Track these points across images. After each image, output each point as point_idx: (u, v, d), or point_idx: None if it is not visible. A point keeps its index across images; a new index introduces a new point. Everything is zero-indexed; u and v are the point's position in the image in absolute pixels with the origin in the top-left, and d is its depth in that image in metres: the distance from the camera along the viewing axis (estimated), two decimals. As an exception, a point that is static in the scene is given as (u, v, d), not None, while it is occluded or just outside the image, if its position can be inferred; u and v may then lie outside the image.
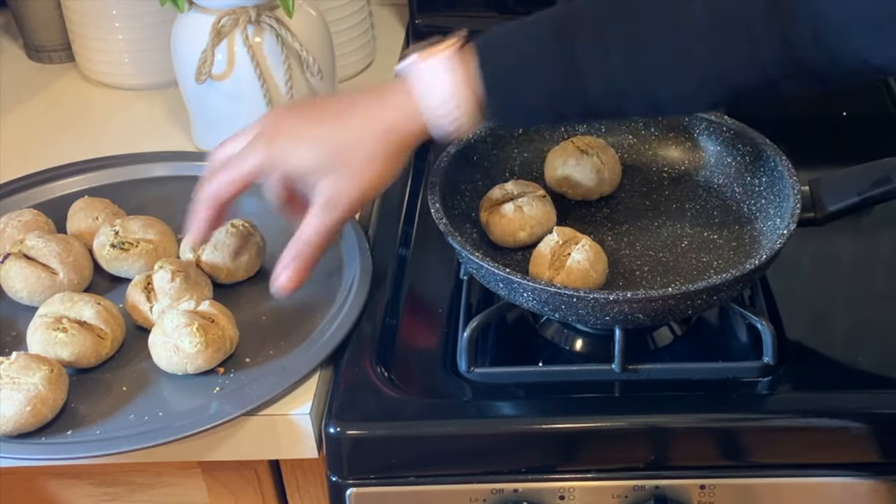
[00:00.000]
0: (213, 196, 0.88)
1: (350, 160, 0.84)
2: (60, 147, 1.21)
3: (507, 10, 1.40)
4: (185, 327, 0.87)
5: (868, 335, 0.96)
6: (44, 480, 0.97)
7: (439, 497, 0.87)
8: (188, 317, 0.88)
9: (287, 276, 0.87)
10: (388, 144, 0.84)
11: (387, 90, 0.85)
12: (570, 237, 0.92)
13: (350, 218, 0.87)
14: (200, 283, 0.96)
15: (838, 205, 0.95)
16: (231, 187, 0.87)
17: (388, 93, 0.85)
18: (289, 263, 0.87)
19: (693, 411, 0.86)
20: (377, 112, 0.84)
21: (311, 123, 0.86)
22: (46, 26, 1.39)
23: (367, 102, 0.86)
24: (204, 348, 0.87)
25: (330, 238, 0.87)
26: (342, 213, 0.86)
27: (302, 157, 0.85)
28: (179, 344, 0.87)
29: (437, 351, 0.93)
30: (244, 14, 1.10)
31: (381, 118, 0.84)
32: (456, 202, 1.00)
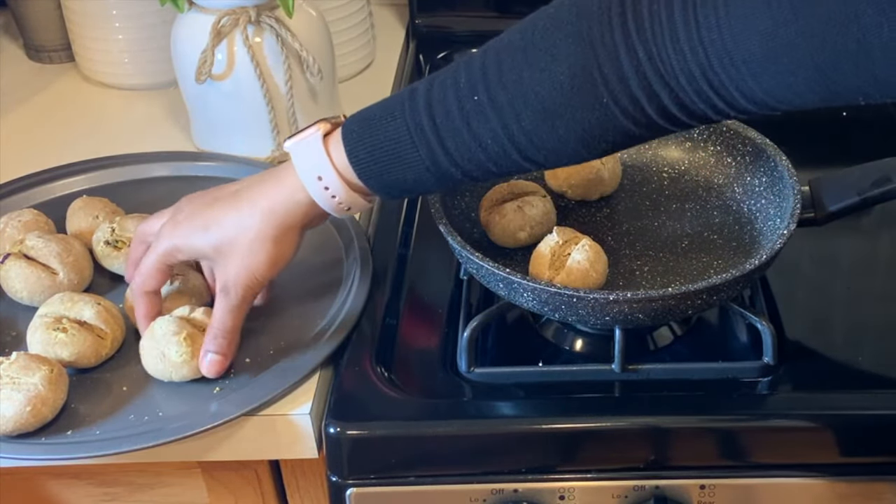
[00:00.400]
0: (142, 289, 0.90)
1: (237, 244, 0.85)
2: (60, 147, 1.21)
3: (507, 11, 1.40)
4: (173, 335, 0.87)
5: (868, 335, 0.96)
6: (44, 480, 0.97)
7: (439, 497, 0.87)
8: (178, 324, 0.88)
9: (210, 360, 0.88)
10: (274, 226, 0.85)
11: (277, 171, 0.86)
12: (570, 237, 0.92)
13: (254, 297, 0.88)
14: (199, 287, 0.96)
15: (838, 205, 0.94)
16: (152, 278, 0.89)
17: (276, 173, 0.86)
18: (209, 349, 0.88)
19: (693, 411, 0.86)
20: (265, 191, 0.85)
21: (206, 207, 0.87)
22: (46, 26, 1.39)
23: (261, 182, 0.86)
24: (189, 358, 0.87)
25: (239, 318, 0.88)
26: (239, 297, 0.87)
27: (195, 243, 0.87)
28: (166, 351, 0.87)
29: (437, 351, 0.93)
30: (244, 14, 1.10)
31: (267, 198, 0.85)
32: (456, 202, 1.00)
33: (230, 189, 0.88)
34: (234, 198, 0.86)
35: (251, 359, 0.91)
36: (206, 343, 0.88)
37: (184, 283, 0.94)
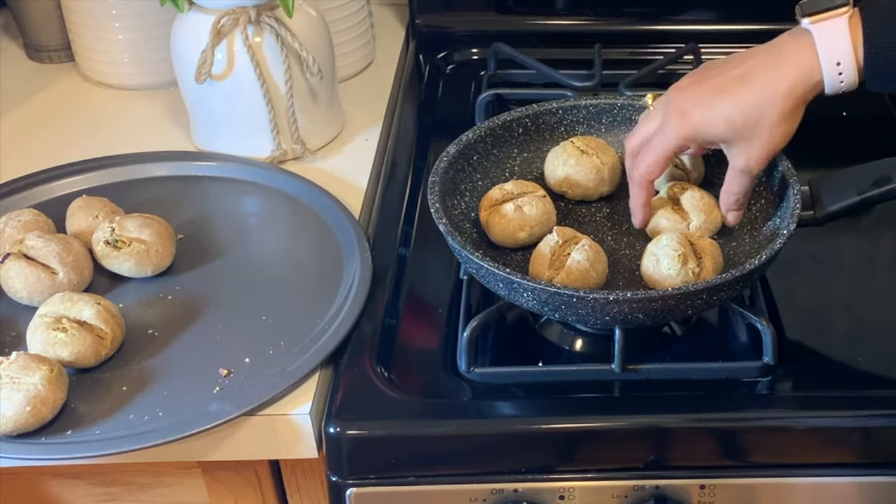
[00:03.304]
0: (645, 177, 0.94)
1: (759, 125, 0.88)
2: (60, 147, 1.21)
3: (507, 11, 1.40)
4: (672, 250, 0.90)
5: (868, 335, 0.96)
6: (44, 480, 0.97)
7: (439, 497, 0.87)
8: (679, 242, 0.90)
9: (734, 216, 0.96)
10: (791, 104, 0.87)
11: (784, 48, 0.88)
12: (570, 237, 0.92)
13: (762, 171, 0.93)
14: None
15: (838, 205, 0.95)
16: (657, 166, 0.93)
17: (784, 50, 0.88)
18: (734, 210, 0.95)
19: (693, 411, 0.86)
20: (776, 74, 0.87)
21: (718, 93, 0.89)
22: (46, 26, 1.39)
23: (765, 63, 0.88)
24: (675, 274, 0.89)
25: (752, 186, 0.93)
26: (757, 174, 0.92)
27: (716, 128, 0.89)
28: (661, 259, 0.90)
29: (437, 351, 0.93)
30: (244, 14, 1.10)
31: (782, 79, 0.87)
32: (456, 202, 1.00)
33: (733, 73, 0.89)
34: (747, 82, 0.88)
35: (251, 359, 0.91)
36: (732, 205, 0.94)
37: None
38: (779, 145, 0.89)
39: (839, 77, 0.86)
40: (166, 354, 0.93)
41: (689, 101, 0.90)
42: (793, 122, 0.88)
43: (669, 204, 0.97)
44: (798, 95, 0.87)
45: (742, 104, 0.87)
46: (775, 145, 0.89)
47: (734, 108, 0.88)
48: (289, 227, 1.09)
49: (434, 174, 0.97)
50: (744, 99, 0.88)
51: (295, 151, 1.17)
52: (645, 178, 0.94)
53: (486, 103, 1.23)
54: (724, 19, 1.36)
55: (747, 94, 0.87)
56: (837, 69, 0.85)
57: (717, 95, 0.89)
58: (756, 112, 0.87)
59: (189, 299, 0.99)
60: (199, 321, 0.96)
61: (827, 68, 0.85)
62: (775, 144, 0.89)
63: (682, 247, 0.90)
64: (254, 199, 1.13)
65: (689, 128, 0.90)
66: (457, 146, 1.01)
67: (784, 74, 0.87)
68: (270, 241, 1.09)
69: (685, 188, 0.98)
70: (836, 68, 0.85)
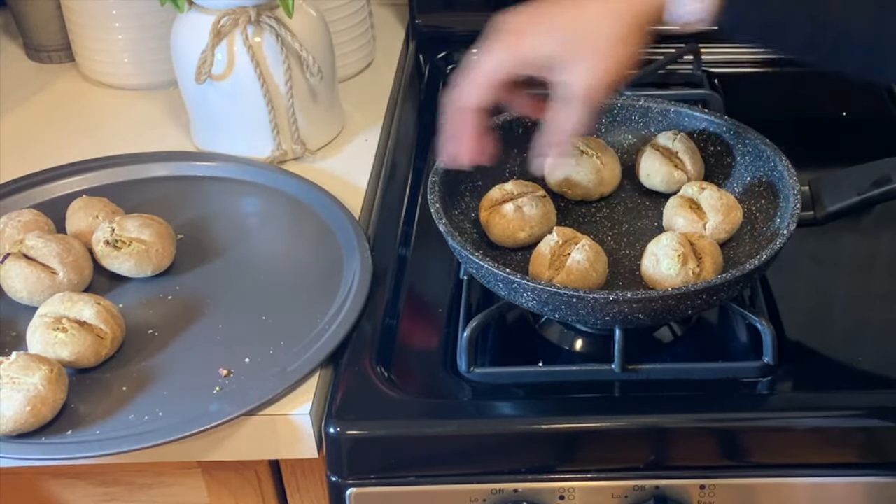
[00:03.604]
0: (459, 100, 0.86)
1: (592, 45, 0.82)
2: (60, 147, 1.21)
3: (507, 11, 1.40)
4: (672, 249, 0.89)
5: (868, 335, 0.96)
6: (44, 480, 0.97)
7: (439, 497, 0.87)
8: (680, 242, 0.89)
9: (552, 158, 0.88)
10: (628, 25, 0.81)
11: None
12: (570, 237, 0.92)
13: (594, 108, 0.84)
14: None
15: (838, 205, 0.95)
16: (476, 88, 0.85)
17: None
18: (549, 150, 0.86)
19: (693, 411, 0.86)
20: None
21: (549, 14, 0.84)
22: (46, 26, 1.39)
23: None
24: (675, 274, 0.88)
25: (588, 124, 0.85)
26: (588, 103, 0.83)
27: (544, 47, 0.83)
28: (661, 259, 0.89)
29: (437, 351, 0.93)
30: (244, 14, 1.10)
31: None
32: (456, 202, 1.00)
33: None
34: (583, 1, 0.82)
35: (251, 359, 0.91)
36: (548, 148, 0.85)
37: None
38: (615, 71, 0.82)
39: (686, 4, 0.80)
40: (166, 354, 0.93)
41: (520, 19, 0.84)
42: (629, 48, 0.81)
43: (687, 203, 0.97)
44: (633, 17, 0.81)
45: (574, 19, 0.82)
46: (611, 69, 0.81)
47: (565, 23, 0.82)
48: (289, 227, 1.09)
49: (434, 174, 0.97)
50: (574, 20, 0.82)
51: (295, 151, 1.17)
52: (458, 101, 0.85)
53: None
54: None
55: (578, 15, 0.82)
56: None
57: (546, 17, 0.83)
58: (589, 27, 0.81)
59: (189, 299, 0.99)
60: (199, 321, 0.96)
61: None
62: (611, 68, 0.81)
63: (682, 247, 0.90)
64: (254, 199, 1.13)
65: (512, 50, 0.84)
66: (457, 146, 1.00)
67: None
68: (270, 241, 1.09)
69: (704, 187, 0.97)
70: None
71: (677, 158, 1.02)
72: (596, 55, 0.82)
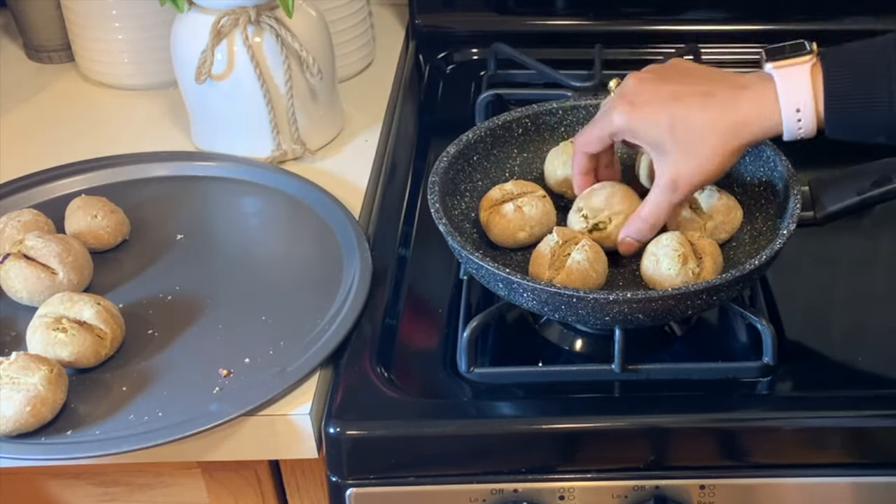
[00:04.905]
0: (580, 147, 0.96)
1: (700, 145, 0.87)
2: (60, 147, 1.21)
3: (507, 11, 1.40)
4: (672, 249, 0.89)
5: (868, 335, 0.96)
6: (44, 480, 0.97)
7: (439, 497, 0.87)
8: (680, 242, 0.90)
9: (628, 243, 0.94)
10: (736, 137, 0.87)
11: (749, 84, 0.87)
12: (569, 237, 0.92)
13: (683, 203, 0.93)
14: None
15: (838, 205, 0.95)
16: (591, 142, 0.94)
17: (748, 87, 0.87)
18: (629, 234, 0.93)
19: (693, 411, 0.86)
20: (734, 105, 0.87)
21: (672, 99, 0.88)
22: (46, 26, 1.39)
23: (728, 93, 0.87)
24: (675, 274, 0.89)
25: (669, 214, 0.92)
26: (683, 195, 0.90)
27: (657, 130, 0.88)
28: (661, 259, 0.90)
29: (437, 351, 0.93)
30: (244, 14, 1.10)
31: (738, 113, 0.86)
32: (456, 202, 1.00)
33: (695, 87, 0.88)
34: (705, 99, 0.87)
35: (251, 359, 0.91)
36: (633, 225, 0.92)
37: None
38: (709, 175, 0.88)
39: (798, 124, 0.85)
40: (166, 354, 0.93)
41: (642, 94, 0.89)
42: (728, 158, 0.88)
43: (687, 203, 0.97)
44: (748, 133, 0.87)
45: (691, 118, 0.87)
46: (707, 173, 0.88)
47: (682, 118, 0.87)
48: (289, 227, 1.09)
49: (434, 174, 0.97)
50: (695, 114, 0.87)
51: (295, 151, 1.17)
52: (579, 148, 0.95)
53: (486, 103, 1.23)
54: (724, 19, 1.36)
55: (700, 112, 0.87)
56: (797, 115, 0.85)
57: (670, 100, 0.88)
58: (702, 131, 0.87)
59: (189, 299, 0.99)
60: (199, 321, 0.96)
61: (786, 114, 0.85)
62: (707, 172, 0.88)
63: (682, 247, 0.90)
64: (254, 199, 1.13)
65: (632, 119, 0.89)
66: (457, 146, 1.01)
67: (742, 108, 0.86)
68: (270, 241, 1.09)
69: (704, 188, 0.97)
70: (795, 115, 0.85)
71: None
72: (701, 157, 0.87)
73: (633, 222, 0.93)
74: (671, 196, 0.90)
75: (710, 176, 0.88)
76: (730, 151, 0.87)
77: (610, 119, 0.91)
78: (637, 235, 0.93)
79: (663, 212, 0.91)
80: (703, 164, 0.87)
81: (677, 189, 0.89)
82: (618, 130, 0.91)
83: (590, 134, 0.94)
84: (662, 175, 0.89)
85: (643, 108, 0.89)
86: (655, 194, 0.90)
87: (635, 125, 0.89)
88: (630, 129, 0.90)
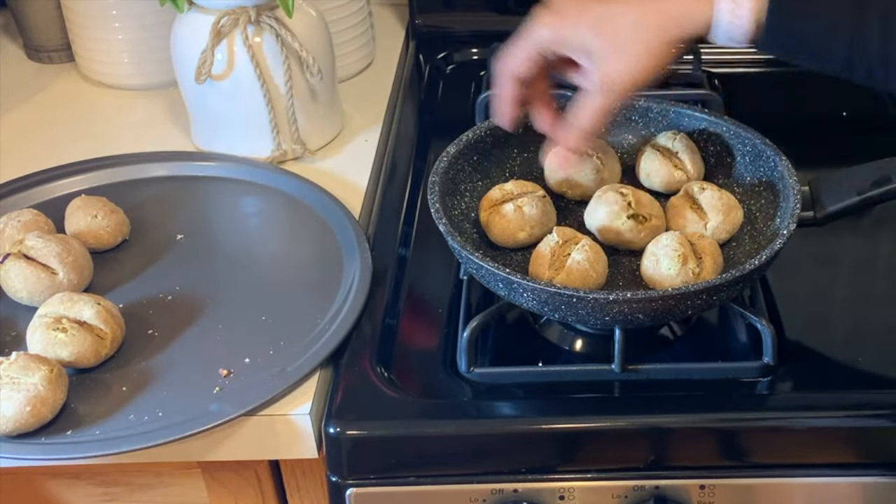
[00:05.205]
0: (503, 67, 0.90)
1: (629, 46, 0.84)
2: (60, 147, 1.21)
3: (506, 11, 1.40)
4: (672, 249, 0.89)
5: (868, 335, 0.96)
6: (44, 480, 0.97)
7: (439, 497, 0.87)
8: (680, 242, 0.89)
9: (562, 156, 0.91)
10: (668, 33, 0.84)
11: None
12: (569, 237, 0.92)
13: (622, 103, 0.89)
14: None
15: (838, 205, 0.95)
16: (521, 63, 0.89)
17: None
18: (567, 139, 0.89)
19: (693, 411, 0.86)
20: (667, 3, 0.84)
21: (596, 4, 0.86)
22: (46, 26, 1.39)
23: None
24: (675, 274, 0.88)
25: (604, 121, 0.88)
26: (614, 99, 0.86)
27: (585, 37, 0.86)
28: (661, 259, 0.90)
29: (437, 351, 0.93)
30: (244, 14, 1.10)
31: (666, 4, 0.84)
32: (456, 202, 1.00)
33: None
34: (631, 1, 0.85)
35: (251, 359, 0.91)
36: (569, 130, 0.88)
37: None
38: (643, 73, 0.84)
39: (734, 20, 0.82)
40: (166, 354, 0.93)
41: (568, 5, 0.87)
42: (664, 56, 0.84)
43: (688, 203, 0.97)
44: (677, 28, 0.83)
45: (618, 16, 0.84)
46: (640, 72, 0.84)
47: (609, 17, 0.85)
48: (289, 227, 1.09)
49: (434, 174, 0.97)
50: (622, 12, 0.84)
51: (295, 151, 1.17)
52: (504, 69, 0.90)
53: (486, 103, 1.22)
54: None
55: (627, 9, 0.84)
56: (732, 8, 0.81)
57: (597, 5, 0.86)
58: (631, 27, 0.84)
59: (189, 299, 0.99)
60: (199, 321, 0.96)
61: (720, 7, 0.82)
62: (640, 71, 0.84)
63: (682, 247, 0.90)
64: (254, 199, 1.13)
65: (557, 26, 0.86)
66: (457, 146, 1.01)
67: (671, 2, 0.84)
68: (270, 241, 1.09)
69: (705, 187, 0.97)
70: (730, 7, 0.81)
71: (677, 159, 1.02)
72: (630, 55, 0.84)
73: (565, 131, 0.89)
74: (605, 99, 0.86)
75: (643, 75, 0.85)
76: (662, 48, 0.84)
77: (536, 30, 0.87)
78: (571, 143, 0.89)
79: (597, 116, 0.87)
80: (634, 62, 0.84)
81: (611, 90, 0.86)
82: (545, 41, 0.87)
83: (515, 52, 0.88)
84: (594, 78, 0.86)
85: (568, 14, 0.86)
86: (588, 98, 0.87)
87: (561, 32, 0.86)
88: (556, 37, 0.86)
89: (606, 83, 0.85)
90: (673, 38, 0.84)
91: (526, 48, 0.88)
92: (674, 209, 0.97)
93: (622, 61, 0.85)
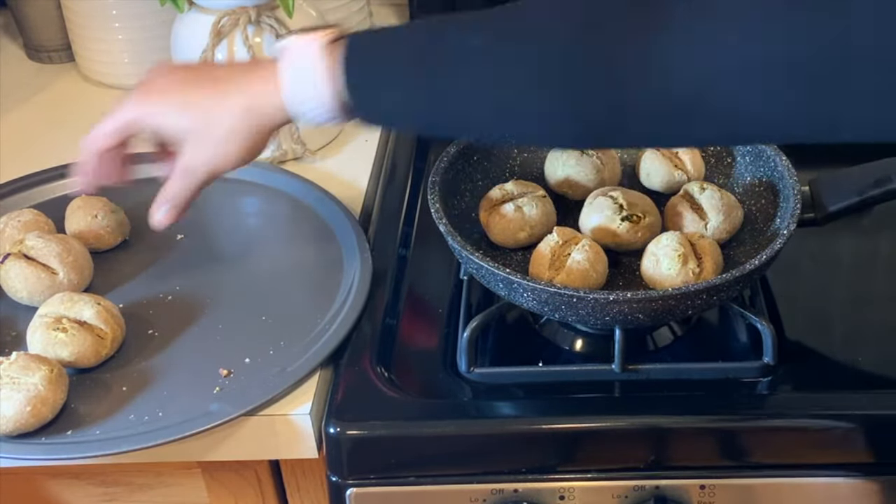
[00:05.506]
0: (90, 145, 0.88)
1: (211, 132, 0.83)
2: (60, 147, 1.21)
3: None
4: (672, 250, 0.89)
5: (868, 335, 0.96)
6: (44, 480, 0.97)
7: (439, 497, 0.87)
8: (680, 242, 0.90)
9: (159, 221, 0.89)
10: (248, 122, 0.82)
11: (262, 65, 0.82)
12: (570, 237, 0.92)
13: (207, 184, 0.87)
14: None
15: (838, 205, 0.95)
16: (105, 139, 0.87)
17: (261, 68, 0.82)
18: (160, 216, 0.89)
19: (693, 411, 0.86)
20: (245, 87, 0.82)
21: (186, 86, 0.84)
22: (46, 26, 1.39)
23: (242, 74, 0.83)
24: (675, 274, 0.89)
25: (189, 199, 0.88)
26: (197, 182, 0.86)
27: (168, 120, 0.84)
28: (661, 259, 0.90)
29: (437, 351, 0.93)
30: (244, 14, 1.10)
31: (246, 93, 0.81)
32: (456, 202, 1.00)
33: (211, 74, 0.85)
34: (215, 85, 0.83)
35: (251, 359, 0.91)
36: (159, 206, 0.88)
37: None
38: (225, 162, 0.84)
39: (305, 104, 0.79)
40: (166, 354, 0.93)
41: (156, 84, 0.86)
42: (246, 144, 0.83)
43: (688, 203, 0.97)
44: (259, 115, 0.81)
45: (199, 105, 0.83)
46: (220, 160, 0.84)
47: (190, 106, 0.83)
48: (289, 227, 1.09)
49: (434, 174, 0.97)
50: (204, 101, 0.82)
51: (295, 151, 1.17)
52: (90, 146, 0.88)
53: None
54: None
55: (209, 97, 0.82)
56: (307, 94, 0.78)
57: (181, 89, 0.84)
58: (214, 119, 0.82)
59: (189, 299, 0.99)
60: (199, 321, 0.96)
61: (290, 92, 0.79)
62: (221, 159, 0.84)
63: (682, 247, 0.90)
64: (254, 199, 1.13)
65: (144, 110, 0.85)
66: (457, 146, 1.01)
67: (252, 89, 0.81)
68: (270, 240, 1.09)
69: (705, 187, 0.97)
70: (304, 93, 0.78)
71: (677, 158, 1.02)
72: (211, 143, 0.83)
73: (161, 206, 0.88)
74: (190, 181, 0.86)
75: (231, 159, 0.84)
76: (249, 134, 0.82)
77: (121, 112, 0.86)
78: (164, 217, 0.89)
79: (186, 194, 0.87)
80: (219, 147, 0.83)
81: (195, 174, 0.85)
82: (133, 120, 0.86)
83: (103, 129, 0.87)
84: (180, 159, 0.85)
85: (156, 97, 0.85)
86: (174, 177, 0.86)
87: (149, 116, 0.85)
88: (143, 119, 0.85)
89: (189, 168, 0.85)
90: (259, 123, 0.82)
91: (113, 126, 0.87)
92: (674, 209, 0.97)
93: (210, 147, 0.84)
